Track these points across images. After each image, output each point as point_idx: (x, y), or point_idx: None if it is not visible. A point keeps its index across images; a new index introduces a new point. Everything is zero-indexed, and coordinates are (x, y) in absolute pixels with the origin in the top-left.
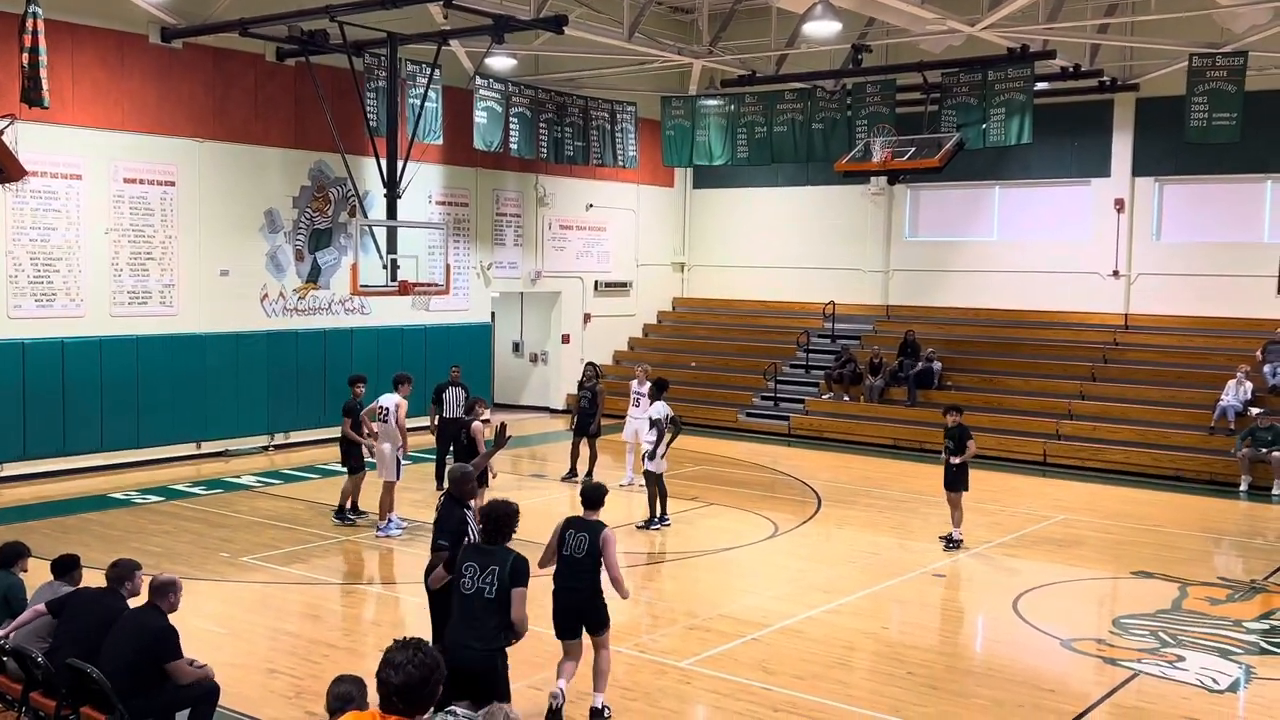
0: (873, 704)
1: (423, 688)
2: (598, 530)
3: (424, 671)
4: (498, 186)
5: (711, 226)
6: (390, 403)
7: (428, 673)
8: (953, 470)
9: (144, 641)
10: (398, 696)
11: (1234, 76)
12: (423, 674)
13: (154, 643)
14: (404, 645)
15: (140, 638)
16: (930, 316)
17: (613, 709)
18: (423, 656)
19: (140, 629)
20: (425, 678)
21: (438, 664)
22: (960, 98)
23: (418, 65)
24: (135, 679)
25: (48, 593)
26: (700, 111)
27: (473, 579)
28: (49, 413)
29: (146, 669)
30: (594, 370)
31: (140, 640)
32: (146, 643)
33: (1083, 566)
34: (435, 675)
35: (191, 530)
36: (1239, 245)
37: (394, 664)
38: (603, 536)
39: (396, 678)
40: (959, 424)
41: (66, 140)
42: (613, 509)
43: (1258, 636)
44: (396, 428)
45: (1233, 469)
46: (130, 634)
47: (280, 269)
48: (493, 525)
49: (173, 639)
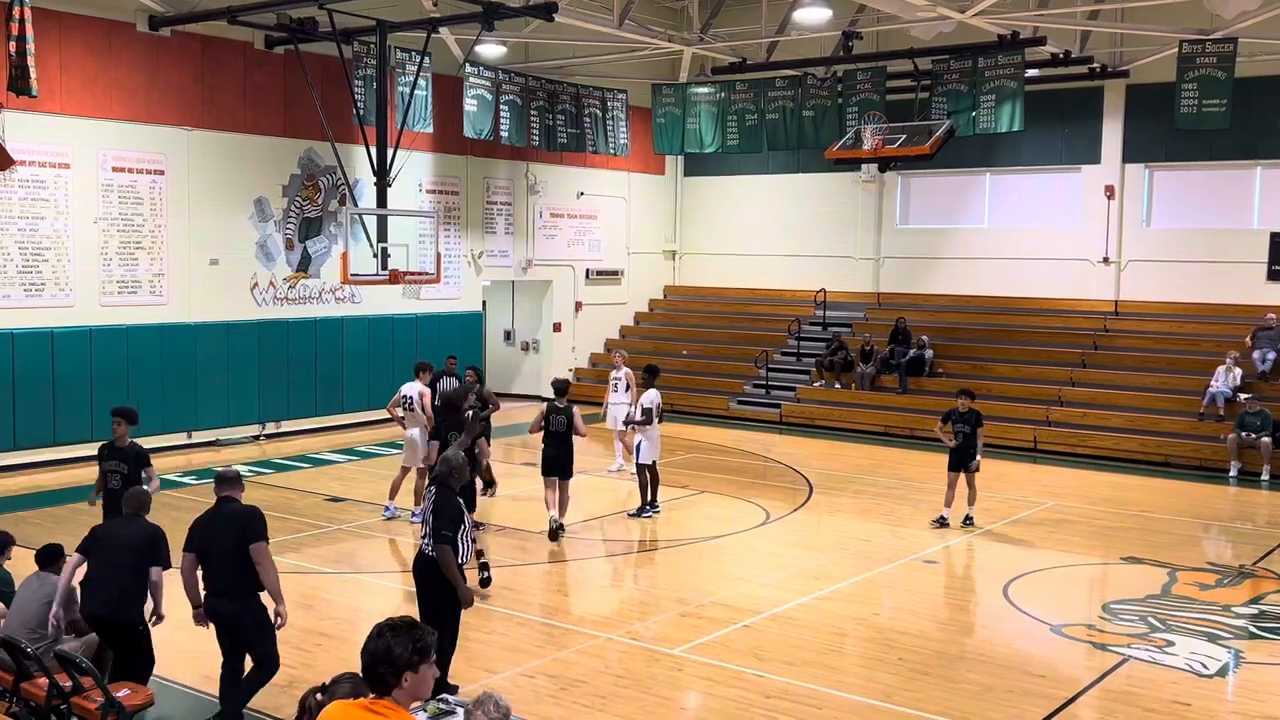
0: (864, 690)
1: (374, 667)
2: (570, 411)
3: (380, 648)
4: (488, 174)
5: (703, 214)
6: (414, 391)
7: (381, 654)
8: (967, 453)
9: (239, 525)
10: (365, 678)
11: (1224, 63)
12: (380, 650)
13: (246, 524)
14: (383, 624)
15: (236, 523)
16: (921, 304)
17: (603, 696)
18: (391, 633)
19: (232, 515)
20: (379, 659)
21: (390, 645)
22: (951, 85)
23: (407, 53)
24: (242, 562)
25: (34, 583)
26: (691, 99)
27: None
28: (39, 403)
29: (244, 552)
30: (475, 374)
31: (237, 525)
32: (242, 526)
33: (1073, 552)
34: (392, 653)
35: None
36: (1229, 231)
37: (367, 642)
38: (574, 414)
39: (364, 658)
40: (973, 409)
41: (54, 129)
42: (602, 496)
43: (1246, 621)
44: (423, 414)
45: (1222, 454)
46: (227, 522)
47: (270, 258)
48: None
49: (260, 520)
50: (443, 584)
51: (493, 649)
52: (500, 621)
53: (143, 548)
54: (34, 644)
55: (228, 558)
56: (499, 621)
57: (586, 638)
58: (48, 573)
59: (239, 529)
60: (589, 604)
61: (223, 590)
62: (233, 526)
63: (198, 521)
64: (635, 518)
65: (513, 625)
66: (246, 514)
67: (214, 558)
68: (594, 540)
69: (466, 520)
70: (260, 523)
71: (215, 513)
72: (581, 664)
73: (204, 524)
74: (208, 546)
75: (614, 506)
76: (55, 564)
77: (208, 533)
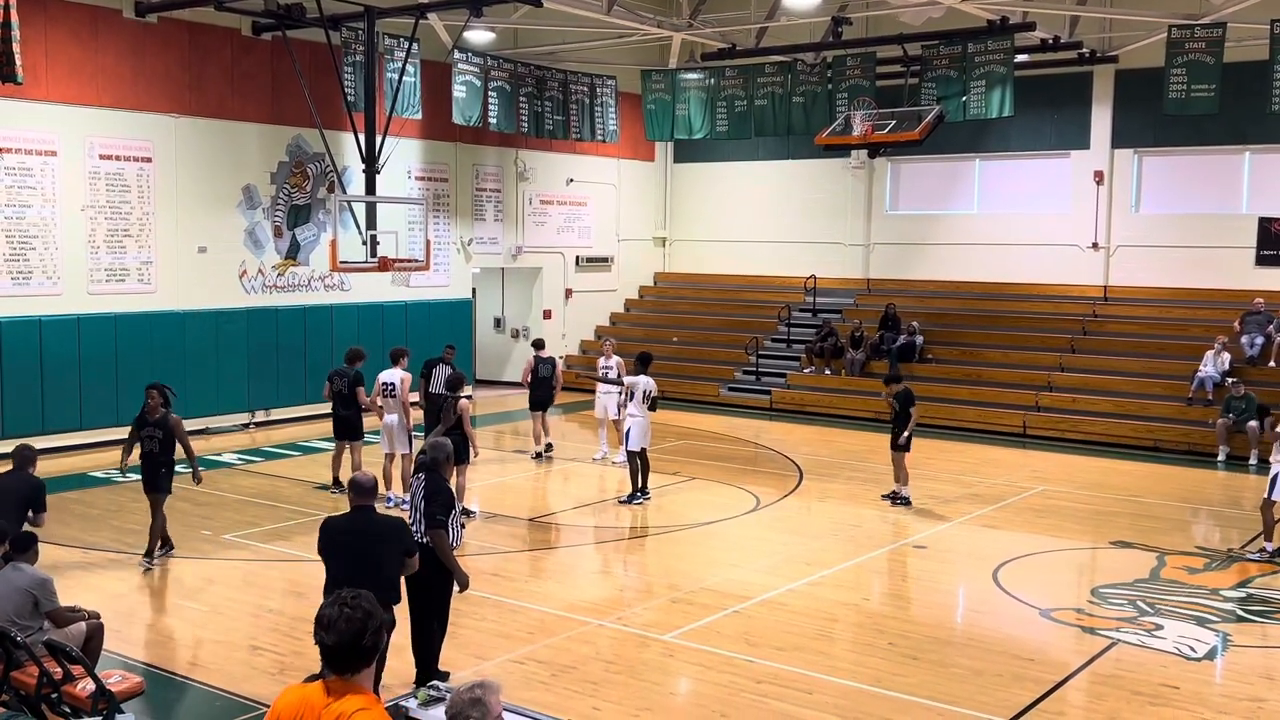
0: (854, 674)
1: (358, 641)
2: (554, 361)
3: (356, 626)
4: (477, 161)
5: (693, 201)
6: (394, 377)
7: (360, 626)
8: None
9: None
10: (335, 657)
11: (1213, 48)
12: (355, 629)
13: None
14: (333, 601)
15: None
16: (911, 290)
17: (595, 682)
18: (350, 610)
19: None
20: (359, 631)
21: (370, 614)
22: (940, 70)
23: (395, 39)
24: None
25: (9, 573)
26: (680, 85)
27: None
28: (27, 391)
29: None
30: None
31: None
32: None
33: (1062, 537)
34: (370, 624)
35: (173, 508)
36: (1217, 217)
37: (327, 623)
38: (557, 363)
39: (330, 638)
40: (903, 390)
41: (41, 116)
42: (591, 484)
43: (1234, 605)
44: (401, 401)
45: (1210, 439)
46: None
47: (259, 245)
48: None
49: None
50: (434, 569)
51: (484, 635)
52: (491, 608)
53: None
54: (21, 633)
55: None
56: (490, 608)
57: (577, 624)
58: (21, 561)
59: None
60: (580, 590)
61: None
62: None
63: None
64: (626, 504)
65: (504, 612)
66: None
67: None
68: (585, 527)
69: (457, 504)
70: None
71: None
72: (573, 650)
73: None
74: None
75: (604, 493)
76: (28, 552)
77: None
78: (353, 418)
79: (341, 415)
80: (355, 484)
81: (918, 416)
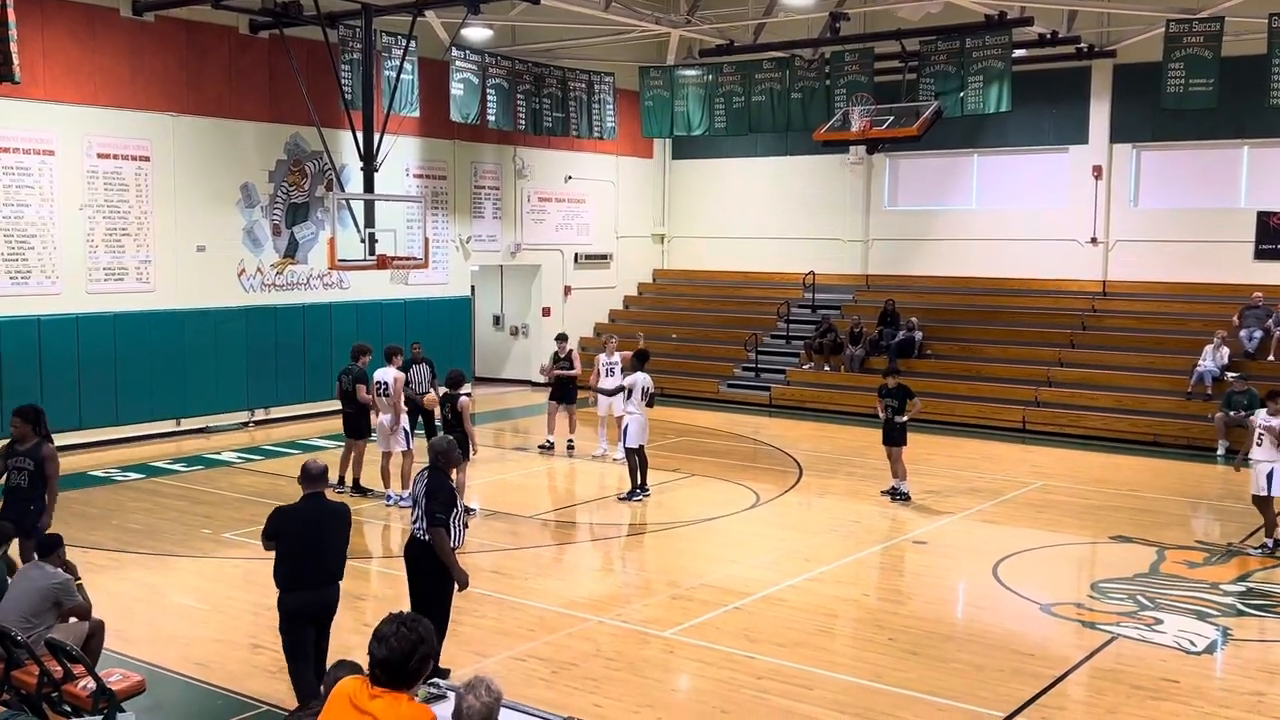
0: (854, 670)
1: (405, 663)
2: (565, 344)
3: (406, 646)
4: (476, 159)
5: (691, 197)
6: (389, 376)
7: (410, 648)
8: (895, 427)
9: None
10: (381, 670)
11: (1210, 42)
12: (405, 649)
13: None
14: (393, 619)
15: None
16: (910, 285)
17: (595, 679)
18: (406, 631)
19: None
20: (408, 653)
21: (423, 639)
22: (938, 66)
23: (393, 37)
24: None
25: (33, 572)
26: (679, 81)
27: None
28: (26, 391)
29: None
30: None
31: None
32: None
33: (1062, 531)
34: (421, 650)
35: (173, 507)
36: (1216, 211)
37: (380, 637)
38: (570, 347)
39: (380, 651)
40: (900, 385)
41: (38, 115)
42: (591, 481)
43: (1234, 599)
44: (394, 400)
45: (1210, 434)
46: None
47: (257, 244)
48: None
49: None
50: (435, 567)
51: (484, 633)
52: (491, 605)
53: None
54: (26, 632)
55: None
56: (490, 605)
57: (578, 621)
58: (45, 563)
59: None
60: (580, 587)
61: None
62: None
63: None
64: (625, 501)
65: (504, 609)
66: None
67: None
68: (584, 524)
69: (459, 503)
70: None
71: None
72: (573, 647)
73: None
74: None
75: (604, 490)
76: (54, 554)
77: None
78: (357, 415)
79: (348, 413)
80: (304, 471)
81: (917, 410)
